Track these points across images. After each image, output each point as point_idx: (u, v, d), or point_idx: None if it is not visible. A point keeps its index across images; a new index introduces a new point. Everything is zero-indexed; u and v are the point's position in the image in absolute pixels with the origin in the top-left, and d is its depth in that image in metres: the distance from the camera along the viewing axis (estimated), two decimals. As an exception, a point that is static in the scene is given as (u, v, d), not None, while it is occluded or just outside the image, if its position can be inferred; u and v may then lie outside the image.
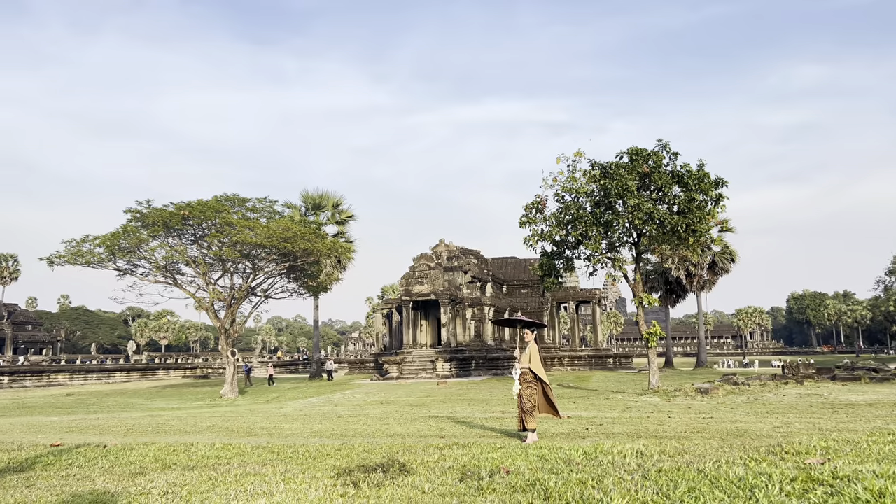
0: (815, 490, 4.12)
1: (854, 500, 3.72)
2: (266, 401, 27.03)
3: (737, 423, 12.06)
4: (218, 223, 30.89)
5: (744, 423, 11.84)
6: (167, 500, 5.28)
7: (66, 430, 13.69)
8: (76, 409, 23.98)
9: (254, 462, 7.59)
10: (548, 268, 27.34)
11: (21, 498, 5.71)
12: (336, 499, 4.96)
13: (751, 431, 10.22)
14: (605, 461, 5.88)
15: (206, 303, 32.49)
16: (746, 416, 13.70)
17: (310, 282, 37.67)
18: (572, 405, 19.30)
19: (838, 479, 4.30)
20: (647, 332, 25.61)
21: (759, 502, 3.80)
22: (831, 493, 4.01)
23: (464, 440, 9.37)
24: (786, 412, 14.49)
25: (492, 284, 52.70)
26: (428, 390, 29.78)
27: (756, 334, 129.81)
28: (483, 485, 5.16)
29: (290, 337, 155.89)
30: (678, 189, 24.36)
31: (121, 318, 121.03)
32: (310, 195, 47.65)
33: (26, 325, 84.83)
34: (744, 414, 14.40)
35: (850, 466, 4.69)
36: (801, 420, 12.37)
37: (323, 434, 11.83)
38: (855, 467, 4.61)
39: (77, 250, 30.45)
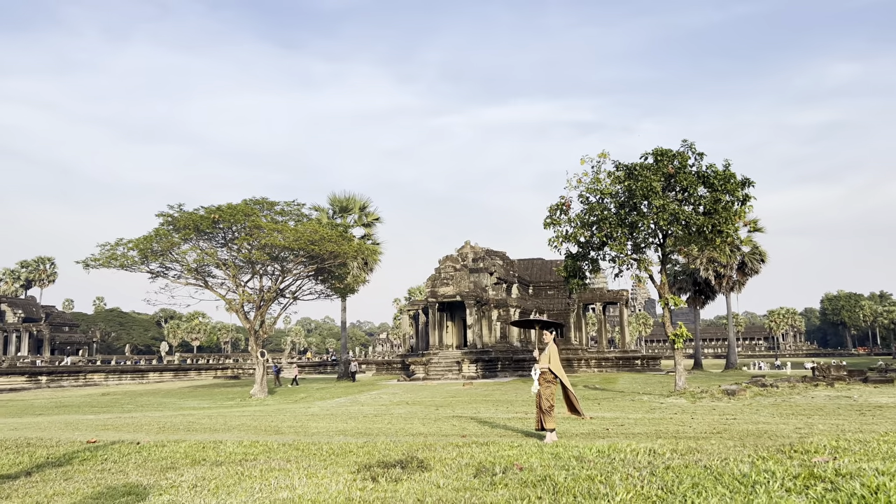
0: (815, 486, 4.22)
1: (850, 496, 3.82)
2: (294, 401, 27.46)
3: (759, 424, 12.05)
4: (247, 226, 31.44)
5: (766, 425, 11.83)
6: (196, 492, 5.55)
7: (102, 428, 14.16)
8: (111, 408, 24.65)
9: (279, 458, 7.87)
10: (572, 269, 27.37)
11: (59, 489, 6.04)
12: (354, 492, 5.18)
13: (771, 433, 10.23)
14: (616, 459, 6.02)
15: (236, 304, 33.09)
16: (770, 418, 13.66)
17: (337, 283, 38.11)
18: (596, 406, 19.34)
19: (840, 476, 4.40)
20: (673, 334, 25.51)
21: (758, 497, 3.93)
22: (830, 489, 4.12)
23: (484, 439, 9.55)
24: (811, 414, 14.40)
25: (518, 286, 52.73)
26: (453, 391, 29.98)
27: (789, 336, 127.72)
28: (496, 480, 5.34)
29: (319, 338, 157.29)
30: (704, 190, 24.24)
31: (154, 319, 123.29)
32: (337, 198, 48.19)
33: (63, 327, 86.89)
34: (768, 416, 14.35)
35: (854, 464, 4.77)
36: (825, 422, 12.32)
37: (348, 433, 12.09)
38: (859, 465, 4.69)
39: (111, 253, 31.25)
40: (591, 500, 4.34)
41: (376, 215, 49.49)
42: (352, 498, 4.95)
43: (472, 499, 4.64)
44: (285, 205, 33.79)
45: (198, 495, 5.37)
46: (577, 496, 4.50)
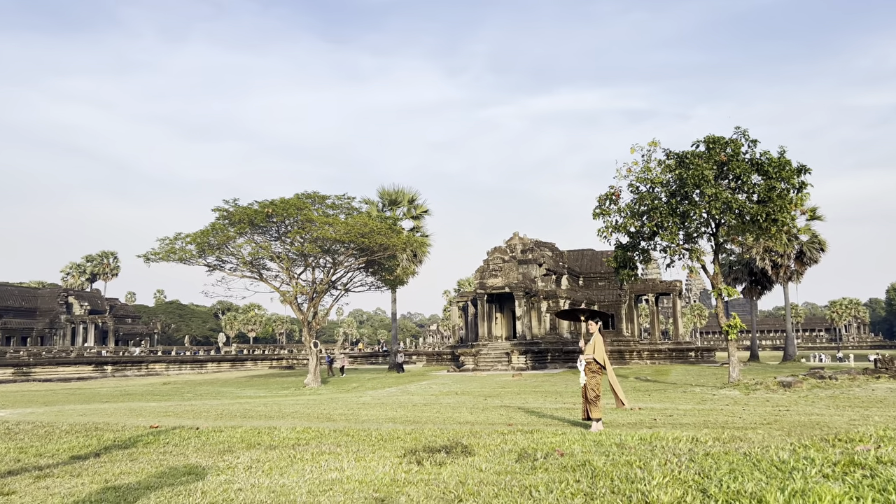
0: (853, 473, 4.23)
1: (887, 482, 3.82)
2: (347, 390, 28.03)
3: (812, 416, 11.83)
4: (299, 220, 32.11)
5: (820, 417, 11.61)
6: (250, 473, 5.85)
7: (164, 415, 14.81)
8: (172, 396, 25.63)
9: (330, 443, 8.16)
10: (622, 260, 27.11)
11: (125, 469, 6.44)
12: (400, 474, 5.39)
13: (823, 424, 10.06)
14: (657, 446, 6.08)
15: (289, 296, 33.87)
16: (825, 410, 13.38)
17: (387, 275, 38.61)
18: (647, 398, 19.21)
19: (881, 463, 4.38)
20: (726, 325, 25.07)
21: (795, 483, 3.97)
22: (868, 476, 4.12)
23: (529, 427, 9.67)
24: (869, 406, 14.03)
25: (567, 277, 52.42)
26: (502, 382, 30.11)
27: (852, 327, 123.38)
28: (536, 465, 5.48)
29: (370, 329, 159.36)
30: (758, 177, 23.69)
31: (211, 311, 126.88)
32: (386, 191, 48.71)
33: (126, 319, 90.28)
34: (823, 407, 14.04)
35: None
36: (882, 414, 12.01)
37: (397, 420, 12.38)
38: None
39: (170, 247, 32.35)
40: (628, 484, 4.43)
41: (425, 208, 49.84)
42: (397, 479, 5.16)
43: (511, 482, 4.78)
44: (336, 198, 34.35)
45: (252, 475, 5.66)
46: (615, 480, 4.60)
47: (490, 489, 4.56)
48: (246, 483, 5.26)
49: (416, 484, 4.92)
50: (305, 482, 5.20)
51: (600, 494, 4.24)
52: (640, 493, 4.17)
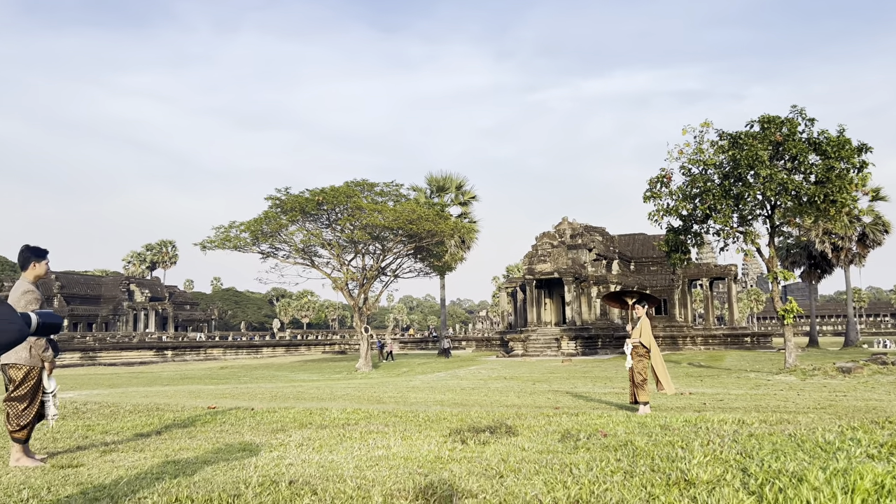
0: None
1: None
2: (397, 374, 28.45)
3: (870, 401, 11.52)
4: (349, 207, 32.61)
5: (878, 402, 11.29)
6: (301, 450, 6.08)
7: (221, 396, 15.35)
8: (229, 379, 26.47)
9: (378, 423, 8.38)
10: (674, 244, 26.67)
11: (184, 445, 6.76)
12: (444, 452, 5.53)
13: (881, 409, 9.80)
14: (702, 428, 6.06)
15: (340, 282, 34.47)
16: (885, 395, 13.00)
17: (435, 262, 38.89)
18: (699, 383, 18.95)
19: (931, 445, 4.30)
20: (782, 309, 24.46)
21: (837, 462, 3.94)
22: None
23: (575, 411, 9.71)
24: (932, 392, 13.57)
25: (618, 262, 51.78)
26: (552, 367, 30.07)
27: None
28: (579, 444, 5.55)
29: (420, 315, 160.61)
30: (815, 157, 22.95)
31: (266, 298, 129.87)
32: (434, 178, 48.89)
33: (185, 305, 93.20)
34: (883, 393, 13.64)
35: (950, 435, 4.62)
36: (945, 400, 11.61)
37: (445, 403, 12.56)
38: (955, 436, 4.55)
39: (225, 235, 33.28)
40: (668, 463, 4.46)
41: (472, 194, 49.85)
42: (441, 456, 5.30)
43: (552, 460, 4.87)
44: (384, 185, 34.72)
45: (303, 452, 5.88)
46: (655, 459, 4.64)
47: (531, 466, 4.66)
48: (297, 459, 5.47)
49: (459, 461, 5.05)
50: (353, 458, 5.39)
51: (640, 472, 4.28)
52: (680, 471, 4.20)
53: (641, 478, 4.13)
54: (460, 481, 4.29)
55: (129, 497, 4.02)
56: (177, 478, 4.73)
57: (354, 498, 3.87)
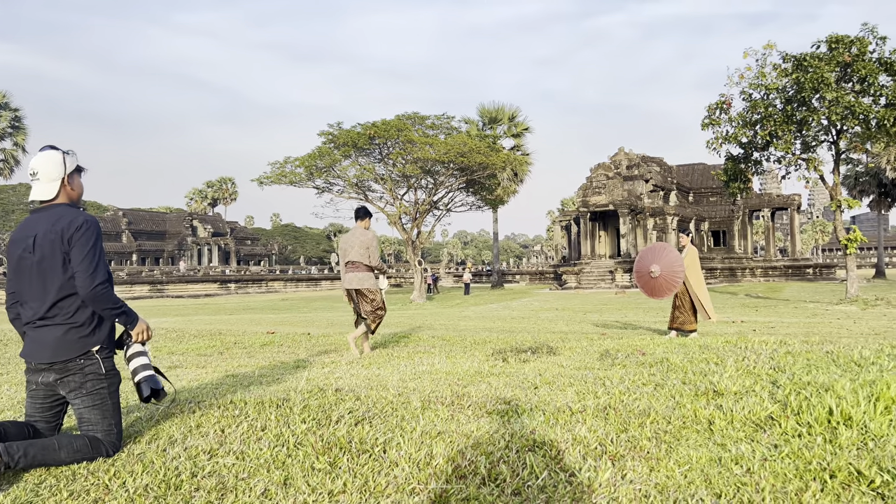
0: (935, 368, 4.16)
1: (967, 374, 3.75)
2: (450, 306, 28.97)
3: (929, 328, 11.25)
4: (400, 141, 32.64)
5: (937, 329, 11.03)
6: (351, 367, 6.42)
7: (279, 324, 16.04)
8: (289, 310, 27.48)
9: (425, 345, 8.71)
10: (733, 172, 25.92)
11: (243, 363, 7.21)
12: (485, 368, 5.77)
13: (938, 335, 9.58)
14: (741, 346, 6.12)
15: (393, 216, 34.88)
16: (946, 324, 12.65)
17: (487, 195, 38.82)
18: (754, 313, 18.75)
19: (969, 360, 4.27)
20: (845, 238, 23.69)
21: (869, 374, 3.97)
22: (950, 370, 4.05)
23: (621, 335, 9.83)
24: None
25: (676, 193, 50.65)
26: (605, 299, 30.09)
27: None
28: (616, 362, 5.69)
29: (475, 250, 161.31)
30: (886, 78, 21.69)
31: (324, 233, 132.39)
32: (486, 109, 48.23)
33: (246, 240, 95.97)
34: (945, 322, 13.26)
35: None
36: None
37: (493, 330, 12.85)
38: None
39: (281, 171, 33.90)
40: (700, 377, 4.57)
41: (525, 125, 49.08)
42: (481, 371, 5.54)
43: (587, 374, 5.04)
44: (435, 118, 34.52)
45: (352, 368, 6.22)
46: (688, 373, 4.75)
47: (566, 380, 4.84)
48: (345, 373, 5.80)
49: (498, 376, 5.27)
50: (398, 373, 5.68)
51: (670, 385, 4.41)
52: (710, 382, 4.30)
53: (671, 389, 4.26)
54: (496, 391, 4.50)
55: (189, 400, 4.39)
56: (233, 387, 5.10)
57: (394, 403, 4.13)
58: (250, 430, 3.54)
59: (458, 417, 3.78)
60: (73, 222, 3.19)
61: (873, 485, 2.66)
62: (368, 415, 3.83)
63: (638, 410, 3.77)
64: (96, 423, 3.26)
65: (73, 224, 3.19)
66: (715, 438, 3.28)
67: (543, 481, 2.79)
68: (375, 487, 2.77)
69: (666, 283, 9.60)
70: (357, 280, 7.73)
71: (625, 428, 3.48)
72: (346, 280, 7.81)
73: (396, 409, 3.98)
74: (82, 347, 3.26)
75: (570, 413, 3.78)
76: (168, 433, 3.56)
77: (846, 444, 3.05)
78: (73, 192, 3.35)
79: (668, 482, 2.76)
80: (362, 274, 7.75)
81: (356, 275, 7.74)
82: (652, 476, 2.84)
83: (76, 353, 3.25)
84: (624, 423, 3.55)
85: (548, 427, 3.51)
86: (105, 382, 3.31)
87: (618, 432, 3.40)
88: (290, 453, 3.16)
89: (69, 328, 3.25)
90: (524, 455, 3.07)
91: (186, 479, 2.89)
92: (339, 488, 2.77)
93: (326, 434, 3.42)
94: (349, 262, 7.76)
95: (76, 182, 3.38)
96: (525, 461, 2.99)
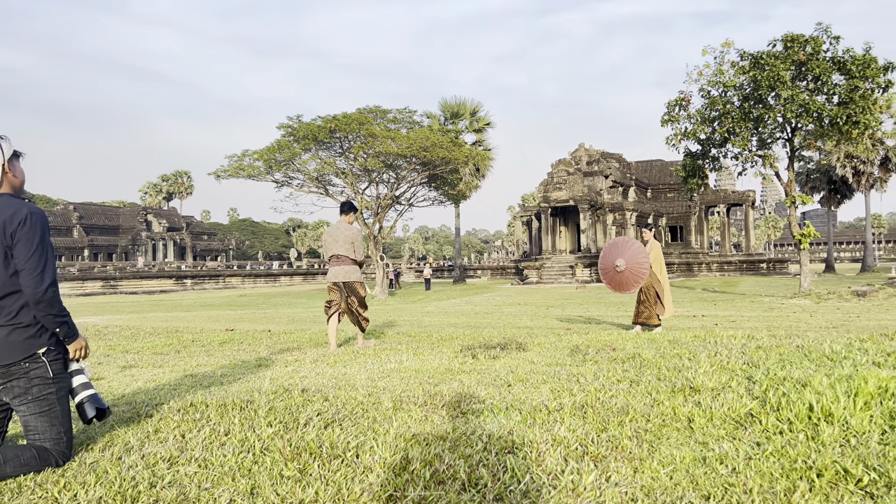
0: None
1: (940, 368, 3.77)
2: (413, 301, 28.81)
3: (883, 321, 11.53)
4: (362, 135, 32.29)
5: (891, 322, 11.30)
6: (315, 365, 6.22)
7: (239, 320, 15.67)
8: (247, 306, 26.96)
9: (391, 341, 8.54)
10: (691, 168, 26.34)
11: (202, 362, 6.94)
12: (455, 365, 5.64)
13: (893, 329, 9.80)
14: (710, 341, 6.11)
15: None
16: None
17: (449, 190, 38.72)
18: (712, 307, 19.03)
19: (938, 354, 4.30)
20: (798, 234, 24.28)
21: (843, 369, 3.96)
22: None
23: (587, 330, 9.82)
24: (946, 313, 13.54)
25: (635, 188, 51.30)
26: (566, 294, 30.29)
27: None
28: (587, 358, 5.62)
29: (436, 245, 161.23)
30: (839, 77, 22.26)
31: (283, 228, 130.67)
32: (447, 104, 48.11)
33: (202, 235, 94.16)
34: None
35: (959, 345, 4.62)
36: (959, 320, 11.58)
37: (458, 325, 12.74)
38: (964, 346, 4.55)
39: (239, 164, 33.23)
40: (674, 372, 4.52)
41: (487, 120, 49.10)
42: (451, 369, 5.41)
43: (560, 371, 4.94)
44: (397, 112, 34.25)
45: (317, 366, 6.02)
46: (662, 369, 4.69)
47: (539, 377, 4.74)
48: (310, 372, 5.61)
49: (469, 373, 5.14)
50: (365, 371, 5.51)
51: (645, 381, 4.34)
52: (685, 379, 4.25)
53: (647, 385, 4.19)
54: (469, 389, 4.38)
55: (147, 403, 4.15)
56: (193, 388, 4.87)
57: (365, 404, 3.97)
58: (213, 435, 3.34)
59: (432, 418, 3.64)
60: (16, 214, 2.94)
61: (861, 483, 2.60)
62: (338, 417, 3.66)
63: (616, 408, 3.68)
64: (44, 431, 3.02)
65: (16, 217, 2.93)
66: (696, 437, 3.21)
67: (526, 486, 2.67)
68: (350, 496, 2.61)
69: (632, 276, 9.61)
70: (343, 273, 7.97)
71: (604, 427, 3.38)
72: (332, 273, 8.06)
73: (367, 410, 3.82)
74: (27, 350, 3.02)
75: (548, 412, 3.67)
76: (124, 440, 3.34)
77: (829, 441, 3.00)
78: (15, 179, 3.09)
79: (653, 484, 2.67)
80: (348, 267, 8.00)
81: (342, 268, 7.99)
82: (637, 478, 2.74)
83: (21, 356, 3.01)
84: (603, 422, 3.45)
85: (526, 427, 3.40)
86: (53, 387, 3.07)
87: (598, 432, 3.30)
88: (257, 460, 2.98)
89: (13, 329, 3.00)
90: (504, 457, 2.95)
91: (144, 490, 2.69)
92: (310, 497, 2.60)
93: (295, 438, 3.24)
94: (334, 255, 8.00)
95: (18, 169, 3.12)
96: (506, 464, 2.87)
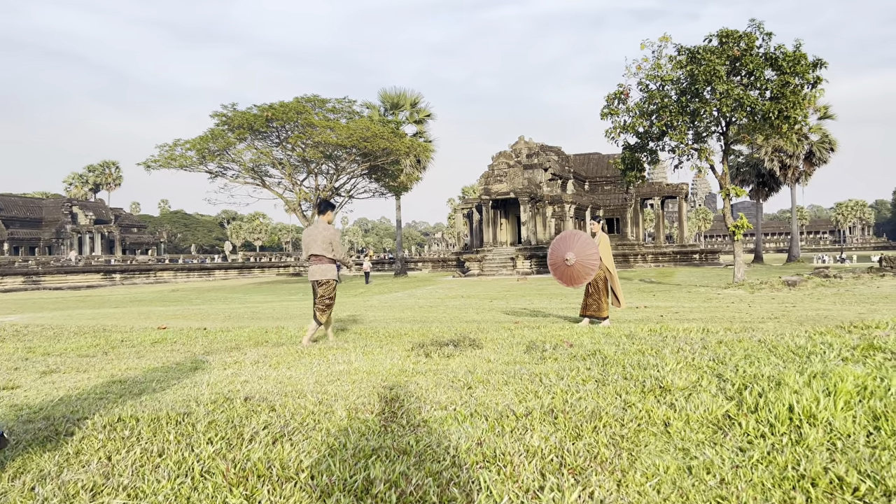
0: (874, 356, 4.11)
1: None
2: (353, 295, 28.28)
3: (820, 310, 11.81)
4: (300, 125, 31.52)
5: (827, 311, 11.58)
6: (257, 367, 5.81)
7: (172, 317, 14.93)
8: (180, 301, 25.92)
9: (337, 339, 8.17)
10: (630, 161, 26.67)
11: (132, 365, 6.43)
12: (408, 365, 5.34)
13: (832, 317, 10.02)
14: (668, 336, 6.00)
15: (293, 203, 33.72)
16: (832, 305, 13.37)
17: (390, 182, 38.27)
18: (652, 298, 19.28)
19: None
20: (732, 226, 24.91)
21: (813, 366, 3.85)
22: (889, 359, 4.00)
23: (536, 325, 9.67)
24: (875, 301, 14.02)
25: (573, 181, 51.90)
26: (508, 286, 30.33)
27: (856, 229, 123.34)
28: (546, 355, 5.41)
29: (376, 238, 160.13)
30: (771, 73, 22.88)
31: (217, 220, 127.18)
32: (387, 94, 47.51)
33: (132, 228, 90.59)
34: (829, 303, 14.04)
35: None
36: (890, 308, 11.98)
37: (404, 320, 12.42)
38: (923, 338, 4.54)
39: (170, 154, 31.95)
40: (641, 370, 4.34)
41: (428, 111, 48.76)
42: (405, 369, 5.10)
43: (521, 370, 4.71)
44: (337, 102, 33.58)
45: (259, 369, 5.62)
46: (627, 367, 4.51)
47: (500, 377, 4.49)
48: (252, 375, 5.21)
49: (424, 374, 4.86)
50: (313, 374, 5.16)
51: (612, 380, 4.15)
52: (654, 378, 4.07)
53: (615, 386, 3.99)
54: (427, 393, 4.09)
55: (68, 418, 3.70)
56: (122, 397, 4.41)
57: (316, 413, 3.63)
58: (144, 457, 2.94)
59: (391, 428, 3.34)
60: None
61: (858, 493, 2.44)
62: (287, 430, 3.31)
63: (587, 412, 3.46)
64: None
65: None
66: (675, 443, 3.01)
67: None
68: (306, 527, 2.29)
69: (583, 269, 9.50)
70: (321, 272, 8.20)
71: (578, 434, 3.15)
72: (311, 272, 8.27)
73: (319, 420, 3.48)
74: None
75: (516, 418, 3.42)
76: (38, 465, 2.91)
77: (815, 445, 2.85)
78: None
79: (641, 500, 2.45)
80: (325, 266, 8.23)
81: (320, 267, 8.21)
82: (622, 492, 2.51)
83: None
84: (576, 429, 3.22)
85: (495, 436, 3.13)
86: None
87: (572, 440, 3.07)
88: (196, 486, 2.62)
89: None
90: (476, 473, 2.67)
91: (62, 528, 2.30)
92: (260, 530, 2.27)
93: (240, 457, 2.88)
94: (313, 255, 8.20)
95: None
96: (479, 481, 2.59)
